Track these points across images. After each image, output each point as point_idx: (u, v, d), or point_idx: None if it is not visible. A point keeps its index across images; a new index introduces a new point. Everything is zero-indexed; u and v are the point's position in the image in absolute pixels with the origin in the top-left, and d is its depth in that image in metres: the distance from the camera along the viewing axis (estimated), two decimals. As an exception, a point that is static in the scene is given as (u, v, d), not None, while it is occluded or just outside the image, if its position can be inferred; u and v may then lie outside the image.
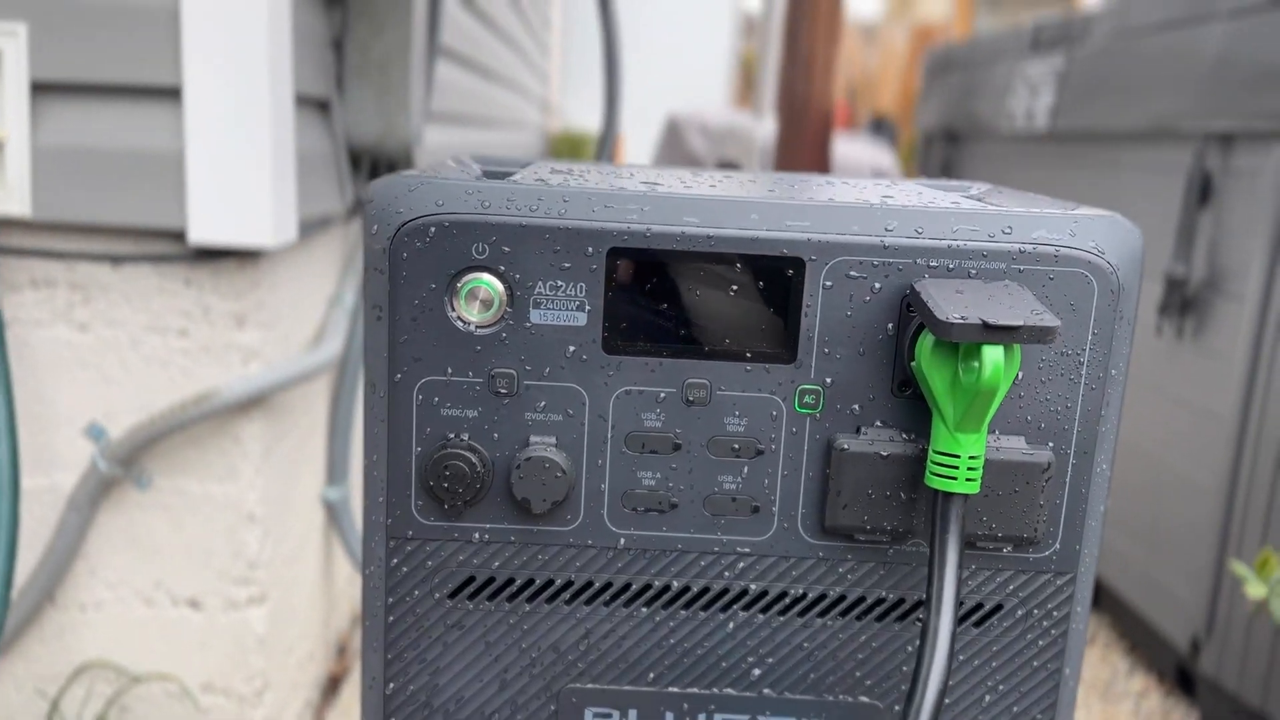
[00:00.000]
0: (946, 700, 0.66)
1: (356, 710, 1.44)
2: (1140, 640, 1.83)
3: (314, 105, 1.33)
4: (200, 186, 1.11)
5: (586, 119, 6.08)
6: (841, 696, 0.67)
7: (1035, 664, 0.66)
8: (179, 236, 1.15)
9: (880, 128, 7.17)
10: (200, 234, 1.12)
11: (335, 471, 1.50)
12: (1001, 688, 0.67)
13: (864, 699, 0.67)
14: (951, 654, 0.58)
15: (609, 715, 0.67)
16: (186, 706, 1.26)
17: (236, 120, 1.10)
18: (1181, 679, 1.68)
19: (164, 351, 1.18)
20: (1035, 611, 0.65)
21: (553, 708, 0.67)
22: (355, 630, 1.69)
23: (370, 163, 1.53)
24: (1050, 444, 0.63)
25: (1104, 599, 1.96)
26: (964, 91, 2.79)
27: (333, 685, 1.54)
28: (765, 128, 4.40)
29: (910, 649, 0.66)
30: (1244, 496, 1.48)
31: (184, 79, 1.10)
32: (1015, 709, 0.67)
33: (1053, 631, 0.66)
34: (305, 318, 1.36)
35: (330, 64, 1.39)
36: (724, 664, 0.66)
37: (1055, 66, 2.14)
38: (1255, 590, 1.02)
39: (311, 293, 1.38)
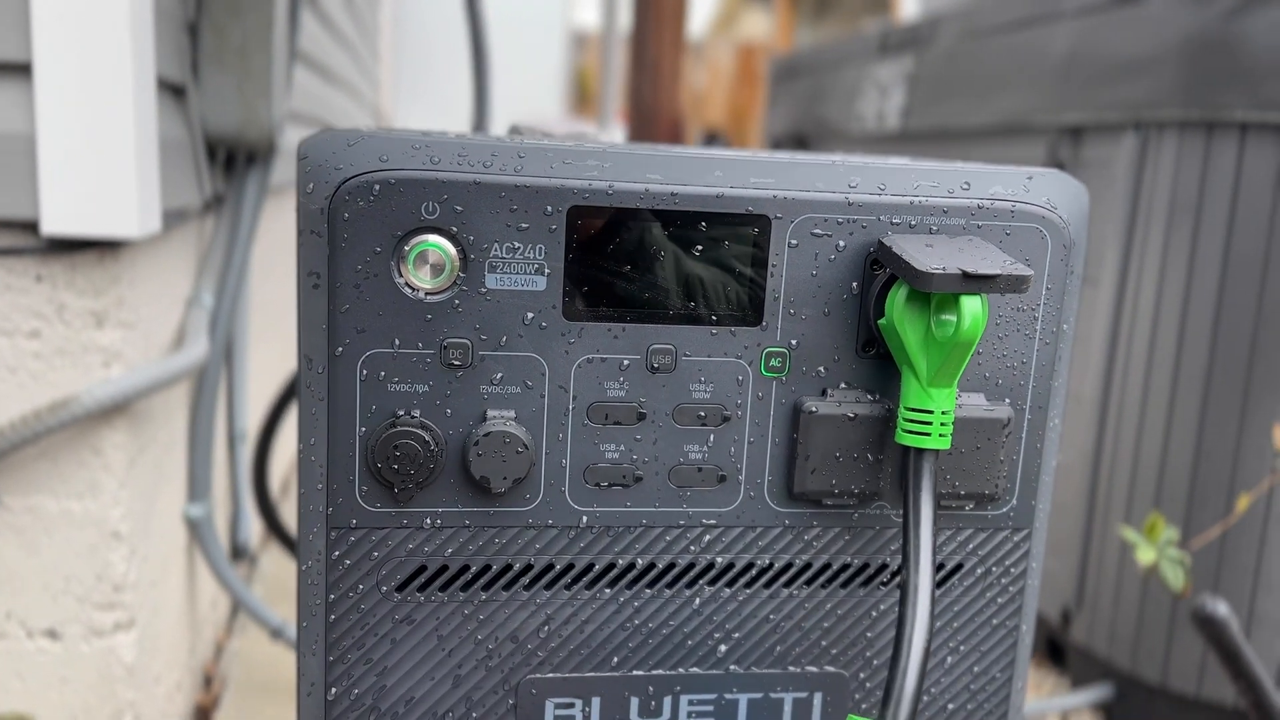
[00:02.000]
0: (911, 665, 0.66)
1: (229, 741, 1.34)
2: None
3: (170, 91, 1.24)
4: (54, 172, 1.01)
5: (420, 125, 5.95)
6: (808, 667, 0.65)
7: (994, 622, 0.66)
8: (30, 227, 1.04)
9: (713, 141, 7.35)
10: (55, 224, 1.02)
11: (197, 488, 1.40)
12: (963, 648, 0.66)
13: (830, 668, 0.65)
14: (933, 608, 0.57)
15: (571, 705, 0.63)
16: (45, 748, 1.14)
17: (95, 99, 1.00)
18: (1051, 651, 1.75)
19: (12, 355, 1.07)
20: (994, 569, 0.66)
21: (511, 702, 0.62)
22: (220, 659, 1.58)
23: (227, 154, 1.44)
24: (1007, 400, 0.63)
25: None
26: (811, 97, 2.86)
27: (202, 717, 1.43)
28: (613, 135, 4.42)
29: (875, 615, 0.65)
30: (1107, 474, 1.56)
31: (34, 53, 0.99)
32: (976, 668, 0.67)
33: (1010, 589, 0.66)
34: (165, 319, 1.26)
35: (185, 48, 1.29)
36: (690, 642, 0.64)
37: (905, 68, 2.22)
38: (1145, 554, 1.07)
39: (170, 291, 1.28)
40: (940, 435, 0.58)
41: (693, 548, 0.63)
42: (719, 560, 0.63)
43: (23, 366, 1.07)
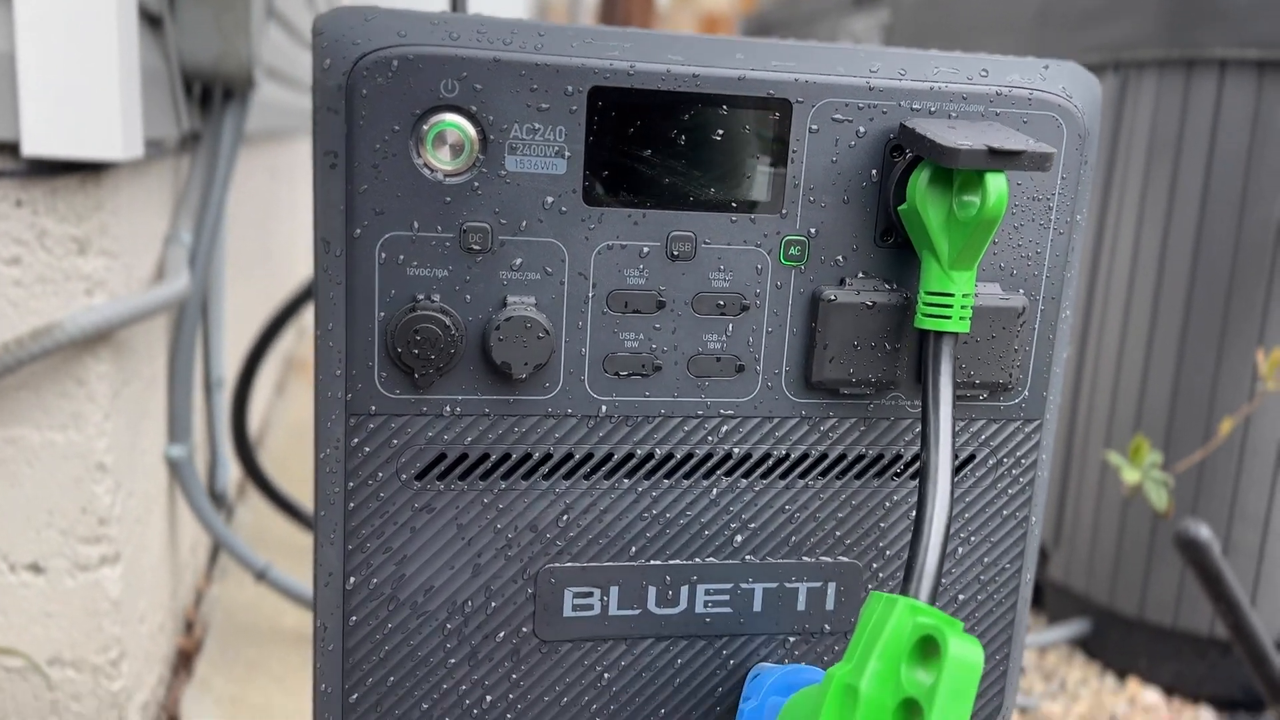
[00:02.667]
0: (924, 556, 0.66)
1: (214, 687, 1.33)
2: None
3: (147, 20, 1.21)
4: (35, 91, 0.98)
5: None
6: (822, 558, 0.66)
7: (1005, 513, 0.67)
8: (10, 149, 1.01)
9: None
10: (37, 145, 0.99)
11: (177, 428, 1.38)
12: (974, 539, 0.67)
13: (844, 559, 0.66)
14: (952, 487, 0.57)
15: (590, 594, 0.63)
16: (34, 684, 1.12)
17: (76, 15, 0.98)
18: (1025, 589, 1.78)
19: (-10, 283, 1.04)
20: (1005, 460, 0.66)
21: (530, 591, 0.62)
22: (200, 605, 1.56)
23: (204, 88, 1.41)
24: (1021, 290, 0.64)
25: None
26: (783, 52, 2.86)
27: (184, 661, 1.42)
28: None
29: (889, 505, 0.66)
30: (1085, 412, 1.59)
31: (10, -33, 0.97)
32: (986, 559, 0.68)
33: (1021, 480, 0.67)
34: (145, 253, 1.23)
35: (161, -24, 1.26)
36: (706, 533, 0.64)
37: (880, 20, 2.22)
38: (1130, 475, 1.08)
39: (149, 226, 1.26)
40: (960, 318, 0.58)
41: (710, 438, 0.63)
42: (736, 451, 0.63)
43: (2, 294, 1.05)
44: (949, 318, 0.58)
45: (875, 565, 0.66)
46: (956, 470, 0.66)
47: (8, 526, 1.09)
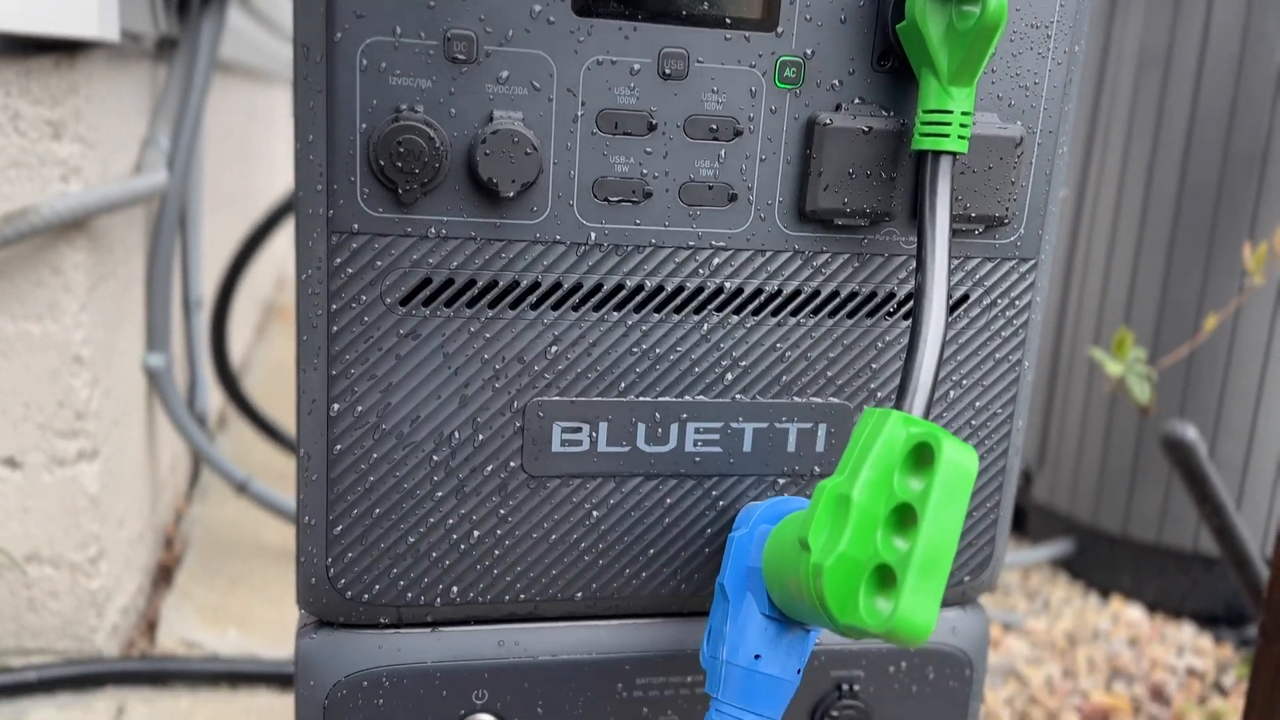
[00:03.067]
0: (916, 398, 0.66)
1: (195, 596, 1.31)
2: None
3: (122, -90, 1.18)
4: (6, -38, 0.96)
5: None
6: (813, 398, 0.65)
7: (998, 355, 0.66)
8: (-21, 24, 0.98)
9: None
10: (9, 21, 0.97)
11: (156, 337, 1.36)
12: (965, 382, 0.66)
13: (835, 399, 0.65)
14: (948, 306, 0.56)
15: (578, 429, 0.62)
16: (10, 580, 1.11)
17: (47, -114, 0.95)
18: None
19: (-38, 167, 1.02)
20: (999, 301, 0.66)
21: (518, 424, 0.61)
22: (180, 524, 1.55)
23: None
24: (1019, 121, 0.63)
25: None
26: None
27: (165, 576, 1.40)
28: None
29: (881, 346, 0.65)
30: (1071, 326, 1.58)
31: None
32: (978, 403, 0.67)
33: (1015, 321, 0.66)
34: (122, 150, 1.21)
35: None
36: (697, 369, 0.63)
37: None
38: (1113, 368, 1.08)
39: (126, 124, 1.23)
40: (959, 137, 0.57)
41: (701, 270, 0.61)
42: (728, 285, 0.62)
43: (-25, 177, 1.02)
44: (947, 135, 0.57)
45: (866, 407, 0.65)
46: (950, 309, 0.65)
47: (-17, 419, 1.07)
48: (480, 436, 0.61)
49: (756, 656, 0.57)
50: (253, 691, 1.12)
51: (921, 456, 0.52)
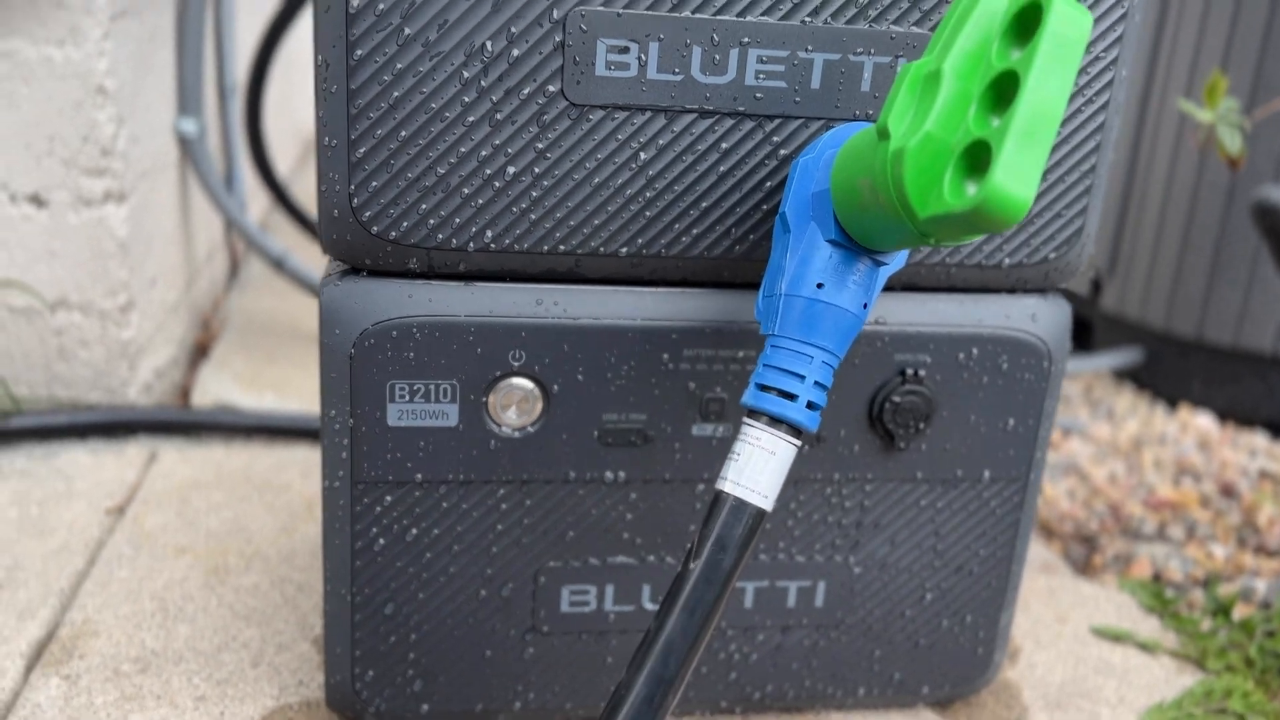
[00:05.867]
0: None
1: (232, 365, 1.29)
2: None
3: None
4: None
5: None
6: (893, 26, 0.57)
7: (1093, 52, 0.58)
8: None
9: None
10: None
11: (188, 100, 1.30)
12: (1069, 19, 0.58)
13: (916, 29, 0.57)
14: None
15: (625, 49, 0.55)
16: (39, 327, 1.08)
17: None
18: (1077, 331, 1.71)
19: (-28, -127, 0.95)
20: (1113, -81, 0.57)
21: (557, 39, 0.54)
22: (216, 312, 1.52)
23: None
24: None
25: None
26: None
27: (201, 352, 1.38)
28: None
29: None
30: (1151, 130, 1.48)
31: None
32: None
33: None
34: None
35: None
36: (763, -15, 0.55)
37: None
38: (1204, 116, 0.98)
39: None
40: None
41: None
42: (800, -118, 0.54)
43: (-15, -118, 0.96)
44: None
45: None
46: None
47: (7, 154, 1.03)
48: (515, 51, 0.54)
49: (819, 285, 0.51)
50: (290, 445, 1.10)
51: (1026, 26, 0.44)
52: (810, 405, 0.52)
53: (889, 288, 0.64)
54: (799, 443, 0.52)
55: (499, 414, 0.60)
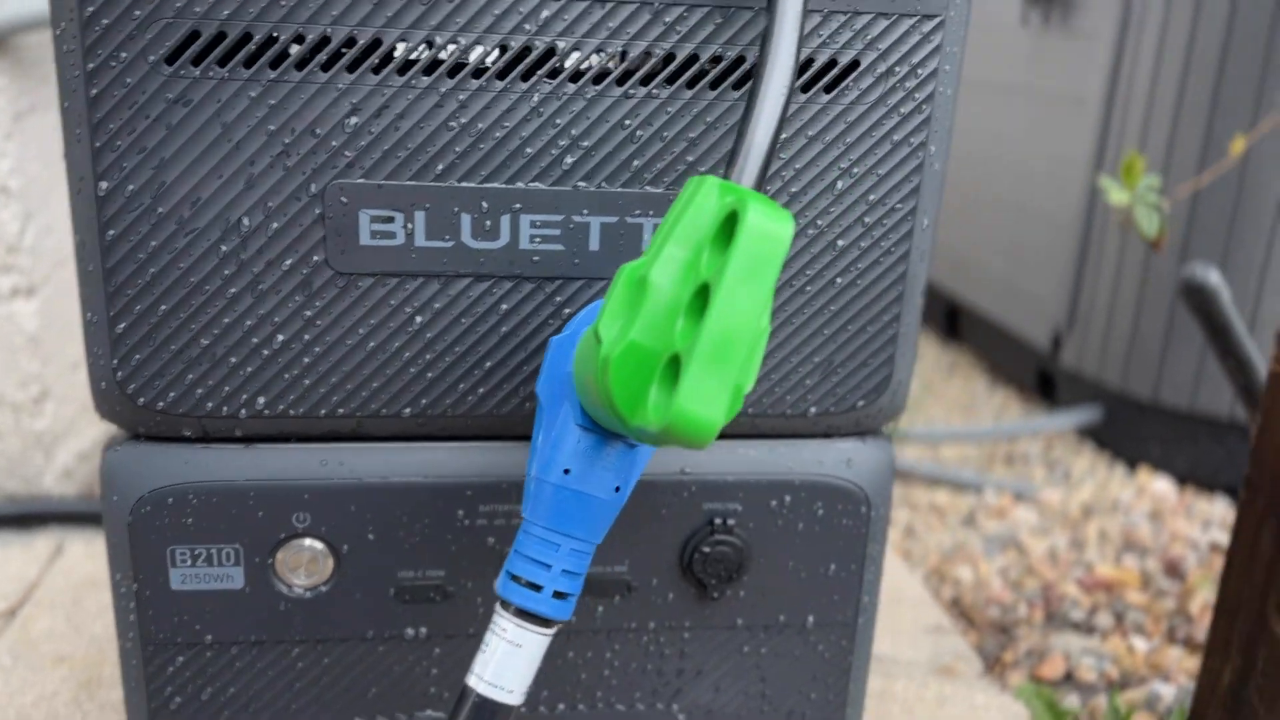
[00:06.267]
0: (792, 189, 0.56)
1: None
2: (1002, 358, 1.81)
3: None
4: None
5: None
6: (670, 188, 0.56)
7: (896, 138, 0.56)
8: None
9: None
10: None
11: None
12: (856, 170, 0.56)
13: (699, 191, 0.56)
14: (798, 51, 0.46)
15: (390, 219, 0.54)
16: (-51, 416, 1.09)
17: None
18: (1042, 384, 1.67)
19: None
20: (897, 69, 0.55)
21: (318, 211, 0.53)
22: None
23: None
24: None
25: (963, 324, 1.94)
26: None
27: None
28: None
29: (752, 125, 0.55)
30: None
31: None
32: (872, 196, 0.57)
33: (917, 95, 0.55)
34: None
35: None
36: (529, 150, 0.54)
37: None
38: (1118, 196, 0.95)
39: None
40: None
41: (527, 26, 0.52)
42: (560, 44, 0.52)
43: (-121, -8, 0.97)
44: None
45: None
46: (836, 81, 0.55)
47: (-87, 252, 1.04)
48: (274, 224, 0.53)
49: (567, 471, 0.49)
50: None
51: (730, 233, 0.43)
52: (560, 594, 0.50)
53: (697, 436, 0.62)
54: (549, 631, 0.51)
55: (287, 575, 0.59)
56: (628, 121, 0.54)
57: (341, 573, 0.60)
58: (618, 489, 0.50)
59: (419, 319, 0.56)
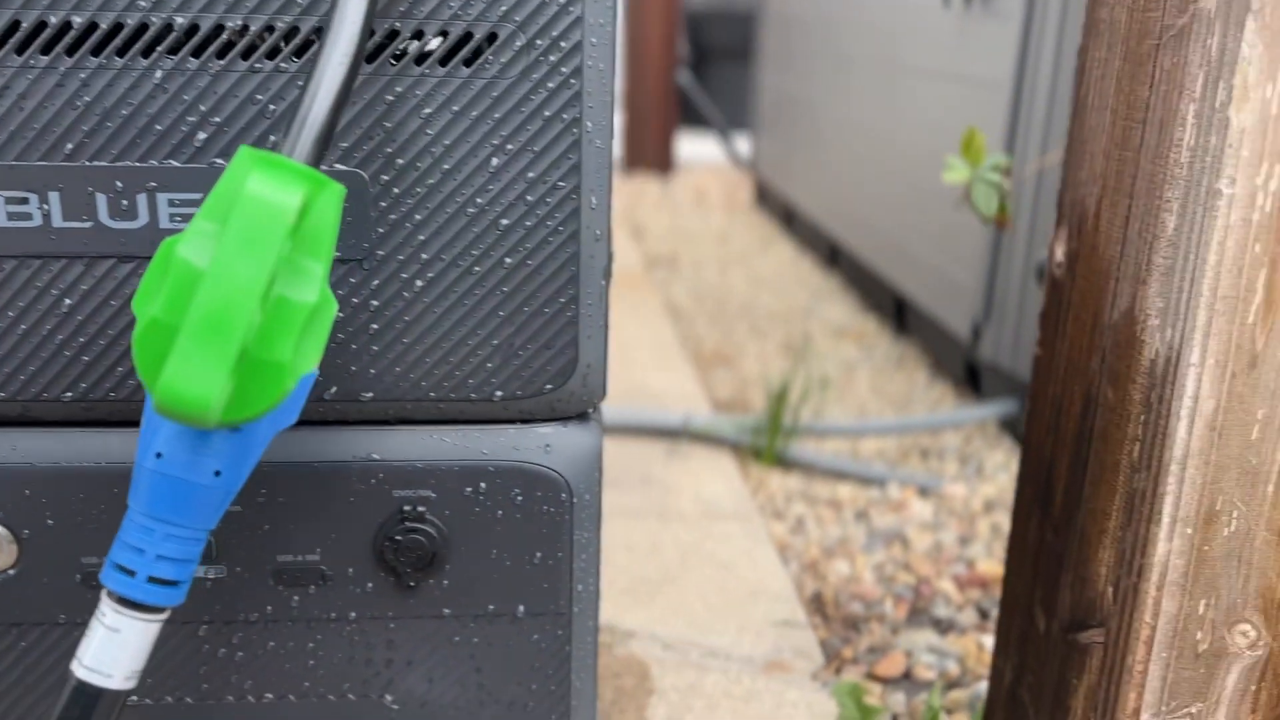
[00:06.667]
0: (444, 165, 0.54)
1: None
2: (939, 351, 1.77)
3: None
4: None
5: None
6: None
7: (547, 114, 0.54)
8: None
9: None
10: None
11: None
12: (510, 146, 0.55)
13: (342, 167, 0.54)
14: (357, 59, 0.45)
15: (25, 200, 0.53)
16: None
17: None
18: (970, 375, 1.63)
19: None
20: (538, 42, 0.53)
21: (-54, 193, 0.53)
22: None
23: None
24: None
25: (909, 316, 1.90)
26: None
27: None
28: None
29: (391, 101, 0.53)
30: (1018, 166, 1.39)
31: None
32: (531, 174, 0.55)
33: (564, 69, 0.53)
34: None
35: None
36: (158, 127, 0.53)
37: None
38: (955, 173, 0.92)
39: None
40: None
41: (142, 3, 0.51)
42: (180, 20, 0.51)
43: None
44: None
45: (385, 176, 0.55)
46: (474, 55, 0.53)
47: None
48: (-100, 206, 0.53)
49: (158, 455, 0.48)
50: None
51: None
52: (160, 580, 0.49)
53: (384, 421, 0.60)
54: (150, 617, 0.50)
55: (-34, 561, 0.59)
56: (258, 96, 0.53)
57: (26, 558, 0.59)
58: (218, 473, 0.49)
59: (67, 301, 0.55)
